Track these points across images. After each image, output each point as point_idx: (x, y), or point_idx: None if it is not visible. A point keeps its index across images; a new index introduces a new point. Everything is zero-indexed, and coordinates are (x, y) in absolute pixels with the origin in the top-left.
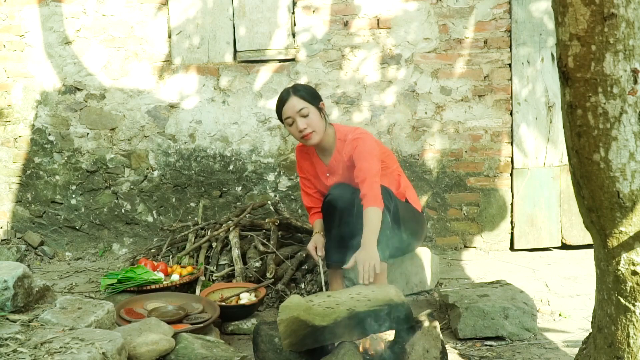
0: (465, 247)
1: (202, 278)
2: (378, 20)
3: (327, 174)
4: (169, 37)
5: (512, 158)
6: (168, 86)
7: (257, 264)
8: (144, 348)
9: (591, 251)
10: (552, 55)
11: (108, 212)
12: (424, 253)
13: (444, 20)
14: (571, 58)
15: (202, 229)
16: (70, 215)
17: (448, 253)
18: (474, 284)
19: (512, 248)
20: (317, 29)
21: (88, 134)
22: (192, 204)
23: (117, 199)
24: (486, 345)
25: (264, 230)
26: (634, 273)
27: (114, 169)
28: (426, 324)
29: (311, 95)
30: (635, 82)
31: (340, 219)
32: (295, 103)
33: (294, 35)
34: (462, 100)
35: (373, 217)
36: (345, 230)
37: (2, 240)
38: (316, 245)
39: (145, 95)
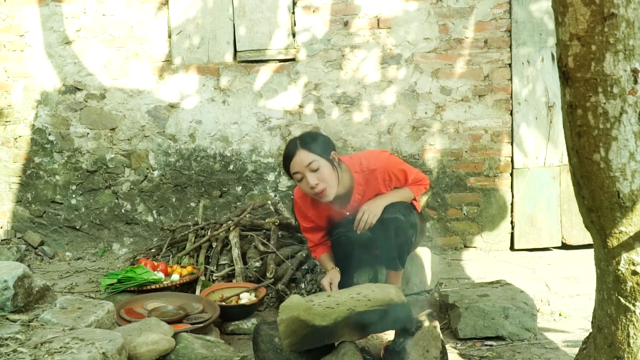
0: (465, 247)
1: (202, 278)
2: (378, 20)
3: (347, 213)
4: (169, 37)
5: (512, 158)
6: (168, 86)
7: (257, 264)
8: (144, 348)
9: (591, 251)
10: (552, 55)
11: (108, 212)
12: (424, 253)
13: (444, 20)
14: (571, 58)
15: (202, 228)
16: (70, 215)
17: (448, 253)
18: (474, 284)
19: (512, 248)
20: (317, 28)
21: (88, 134)
22: (192, 204)
23: (117, 199)
24: (486, 345)
25: (264, 230)
26: (634, 273)
27: (114, 169)
28: (426, 324)
29: (321, 146)
30: (635, 82)
31: (354, 255)
32: (303, 157)
33: (294, 35)
34: (462, 100)
35: (404, 191)
36: (357, 267)
37: (2, 240)
38: (332, 281)
39: (145, 95)
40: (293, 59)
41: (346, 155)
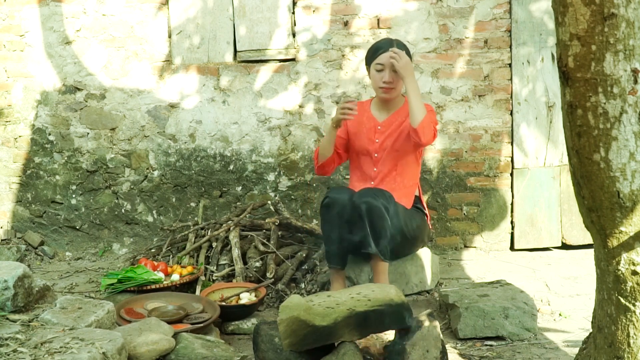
0: (466, 247)
1: (202, 278)
2: (378, 20)
3: (379, 127)
4: (169, 37)
5: (512, 158)
6: (168, 86)
7: (257, 264)
8: (144, 348)
9: (591, 251)
10: (553, 55)
11: (108, 212)
12: (424, 253)
13: (444, 20)
14: (571, 58)
15: (202, 228)
16: (70, 215)
17: (448, 253)
18: (474, 283)
19: (512, 248)
20: (317, 28)
21: (88, 133)
22: (192, 204)
23: (117, 199)
24: (486, 345)
25: (264, 230)
26: (634, 273)
27: (114, 168)
28: (426, 324)
29: (409, 61)
30: (636, 82)
31: (341, 221)
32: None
33: (294, 35)
34: (462, 100)
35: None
36: (345, 233)
37: (2, 240)
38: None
39: (145, 95)
40: (293, 59)
41: None
